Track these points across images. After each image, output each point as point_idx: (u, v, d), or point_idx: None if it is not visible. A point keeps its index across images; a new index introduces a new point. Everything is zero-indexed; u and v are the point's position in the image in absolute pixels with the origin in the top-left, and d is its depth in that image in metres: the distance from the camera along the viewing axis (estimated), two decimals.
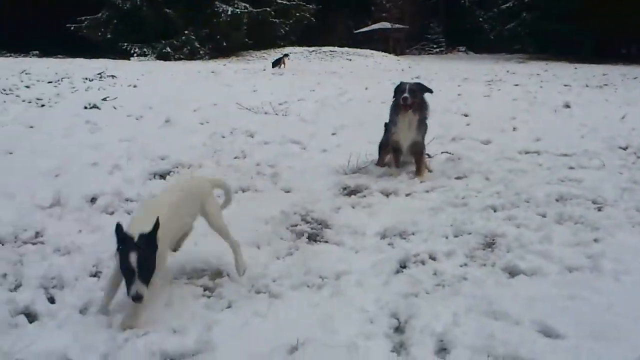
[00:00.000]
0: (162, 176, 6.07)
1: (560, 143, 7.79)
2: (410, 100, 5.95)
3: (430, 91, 6.19)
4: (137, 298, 2.86)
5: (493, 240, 4.28)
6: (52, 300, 3.34)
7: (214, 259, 3.87)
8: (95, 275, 3.70)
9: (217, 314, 3.19)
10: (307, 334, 2.94)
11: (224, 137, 8.10)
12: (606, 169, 6.39)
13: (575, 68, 26.81)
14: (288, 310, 3.26)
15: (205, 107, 10.70)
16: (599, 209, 4.96)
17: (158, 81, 15.81)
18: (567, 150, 7.39)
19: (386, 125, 6.63)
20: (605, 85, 17.53)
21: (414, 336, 2.96)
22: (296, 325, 3.05)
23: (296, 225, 4.72)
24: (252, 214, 4.79)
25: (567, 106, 11.95)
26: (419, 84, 6.25)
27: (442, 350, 2.87)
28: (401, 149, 6.27)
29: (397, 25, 47.96)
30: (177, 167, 6.35)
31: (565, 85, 17.04)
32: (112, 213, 4.89)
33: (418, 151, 6.24)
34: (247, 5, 32.58)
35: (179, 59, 29.48)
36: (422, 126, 6.17)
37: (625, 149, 7.58)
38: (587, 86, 16.89)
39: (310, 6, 38.63)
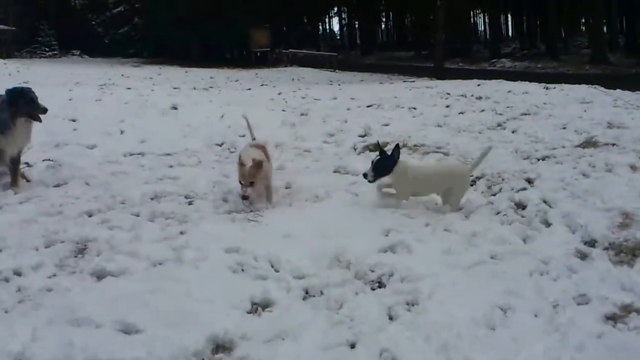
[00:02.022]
0: None
1: (163, 144, 8.09)
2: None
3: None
4: None
5: (85, 245, 4.20)
6: None
7: None
8: None
9: None
10: None
11: None
12: (202, 165, 6.90)
13: (186, 72, 28.25)
14: None
15: None
16: (190, 203, 5.33)
17: None
18: (170, 150, 7.72)
19: None
20: (211, 87, 18.92)
21: None
22: None
23: None
24: None
25: (175, 108, 12.48)
26: (30, 90, 5.82)
27: None
28: (3, 160, 5.74)
29: (1, 27, 43.13)
30: None
31: (175, 88, 17.81)
32: None
33: (17, 160, 5.81)
34: None
35: None
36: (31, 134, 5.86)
37: (221, 145, 8.28)
38: (194, 88, 17.95)
39: None
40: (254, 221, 4.79)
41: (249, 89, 18.66)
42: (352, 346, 2.92)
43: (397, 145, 5.24)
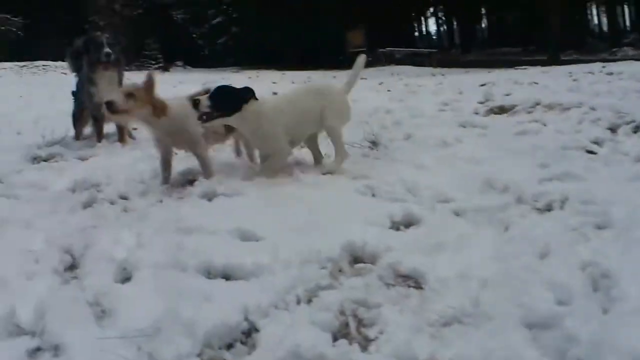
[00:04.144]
0: None
1: None
2: (113, 55, 5.25)
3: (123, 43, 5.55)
4: None
5: (194, 177, 3.76)
6: None
7: None
8: None
9: None
10: None
11: None
12: None
13: (283, 73, 28.23)
14: None
15: None
16: (302, 147, 4.79)
17: None
18: None
19: (74, 93, 5.75)
20: (310, 81, 18.64)
21: (88, 266, 2.38)
22: None
23: None
24: None
25: (275, 93, 12.21)
26: (114, 35, 5.57)
27: (124, 273, 2.33)
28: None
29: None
30: None
31: (274, 83, 17.71)
32: None
33: None
34: None
35: None
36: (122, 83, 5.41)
37: None
38: (293, 82, 17.73)
39: (17, 19, 34.10)
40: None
41: None
42: (542, 257, 2.23)
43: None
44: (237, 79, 24.24)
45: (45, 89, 15.73)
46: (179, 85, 17.05)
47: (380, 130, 5.69)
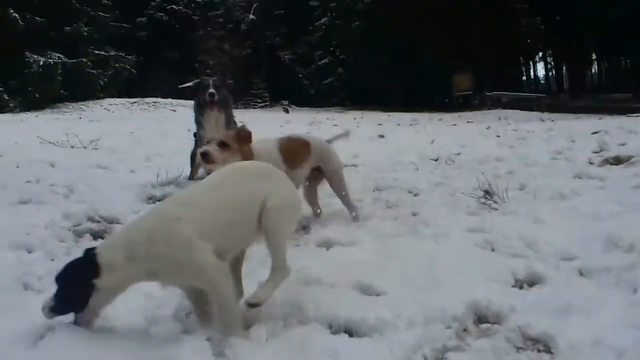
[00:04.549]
0: None
1: (376, 159, 7.79)
2: (217, 96, 5.51)
3: (231, 85, 5.83)
4: None
5: (308, 223, 3.90)
6: None
7: None
8: None
9: None
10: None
11: (18, 167, 6.70)
12: (420, 172, 6.40)
13: (389, 115, 28.42)
14: None
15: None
16: (415, 195, 4.81)
17: None
18: (383, 163, 7.36)
19: (195, 134, 6.06)
20: (416, 124, 18.66)
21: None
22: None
23: (79, 225, 3.96)
24: (27, 221, 3.95)
25: (382, 136, 12.36)
26: (221, 77, 5.83)
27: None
28: None
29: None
30: None
31: (380, 125, 17.88)
32: None
33: None
34: (61, 56, 30.11)
35: None
36: (230, 124, 5.66)
37: (436, 160, 7.74)
38: (398, 125, 17.84)
39: (131, 57, 36.79)
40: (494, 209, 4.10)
41: (454, 125, 18.09)
42: None
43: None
44: (342, 119, 24.72)
45: (155, 125, 16.69)
46: (285, 125, 17.61)
47: (493, 179, 5.61)
